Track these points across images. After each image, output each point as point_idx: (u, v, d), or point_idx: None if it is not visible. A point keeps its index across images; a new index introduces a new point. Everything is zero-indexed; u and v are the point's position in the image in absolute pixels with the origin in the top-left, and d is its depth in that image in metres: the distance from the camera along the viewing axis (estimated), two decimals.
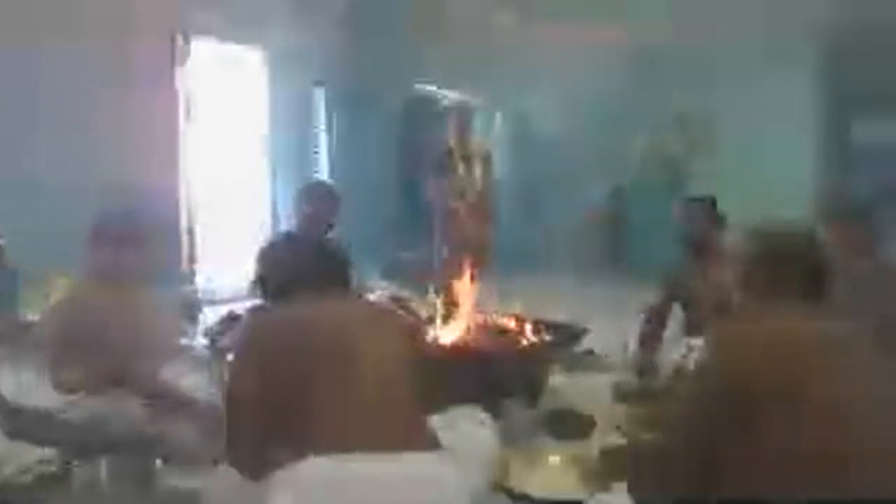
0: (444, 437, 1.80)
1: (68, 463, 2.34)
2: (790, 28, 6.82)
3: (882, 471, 1.33)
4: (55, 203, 4.39)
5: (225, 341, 2.81)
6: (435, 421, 1.85)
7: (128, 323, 2.60)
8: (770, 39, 6.82)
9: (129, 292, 2.67)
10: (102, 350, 2.50)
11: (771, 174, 6.72)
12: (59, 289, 2.83)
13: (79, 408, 2.41)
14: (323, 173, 6.97)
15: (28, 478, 2.30)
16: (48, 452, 2.41)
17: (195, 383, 2.64)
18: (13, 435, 2.33)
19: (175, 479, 2.39)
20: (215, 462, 1.94)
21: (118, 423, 2.37)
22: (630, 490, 1.76)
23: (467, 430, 1.97)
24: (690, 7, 6.66)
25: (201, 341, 3.00)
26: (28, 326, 3.86)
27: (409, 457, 1.65)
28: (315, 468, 1.58)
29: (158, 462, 2.42)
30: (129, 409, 2.44)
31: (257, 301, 2.43)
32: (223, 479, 1.79)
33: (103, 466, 2.30)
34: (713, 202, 3.60)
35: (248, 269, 6.15)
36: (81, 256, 2.71)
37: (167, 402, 2.45)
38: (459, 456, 1.78)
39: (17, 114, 4.68)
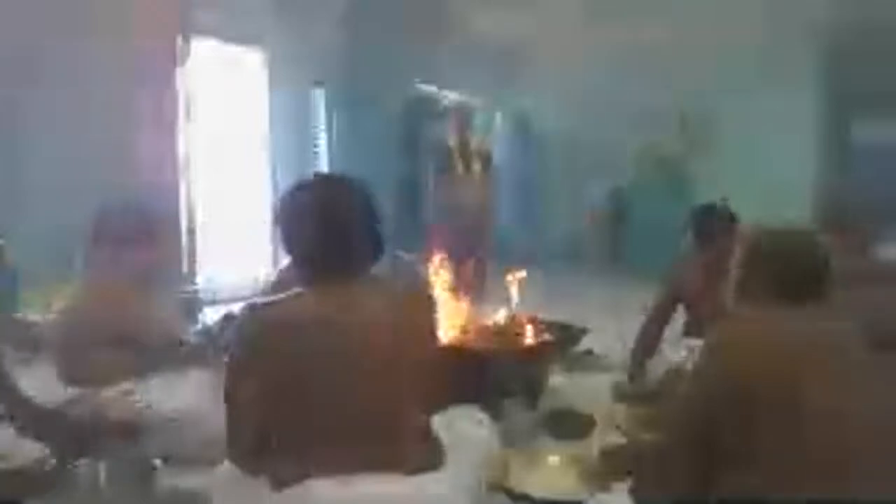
0: (442, 437, 1.80)
1: (68, 462, 2.33)
2: (790, 28, 6.82)
3: (880, 471, 1.33)
4: (55, 203, 4.39)
5: (224, 341, 2.81)
6: (433, 421, 1.84)
7: (131, 321, 2.60)
8: (770, 39, 6.82)
9: (132, 291, 2.67)
10: (108, 348, 2.51)
11: (771, 174, 6.73)
12: (61, 296, 2.83)
13: (80, 404, 2.43)
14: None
15: (35, 472, 2.29)
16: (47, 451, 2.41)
17: (195, 383, 2.64)
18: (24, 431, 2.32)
19: (175, 479, 2.39)
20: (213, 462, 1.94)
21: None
22: (632, 492, 1.76)
23: (465, 430, 1.96)
24: (690, 7, 6.66)
25: (201, 341, 2.99)
26: (29, 326, 3.87)
27: (410, 479, 1.63)
28: (317, 491, 1.58)
29: (158, 462, 2.42)
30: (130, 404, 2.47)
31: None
32: (225, 479, 1.79)
33: (103, 466, 2.30)
34: (724, 207, 3.54)
35: (248, 269, 6.09)
36: (81, 257, 2.71)
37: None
38: (457, 456, 1.78)
39: (17, 114, 4.68)
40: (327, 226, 1.73)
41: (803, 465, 1.33)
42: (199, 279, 5.93)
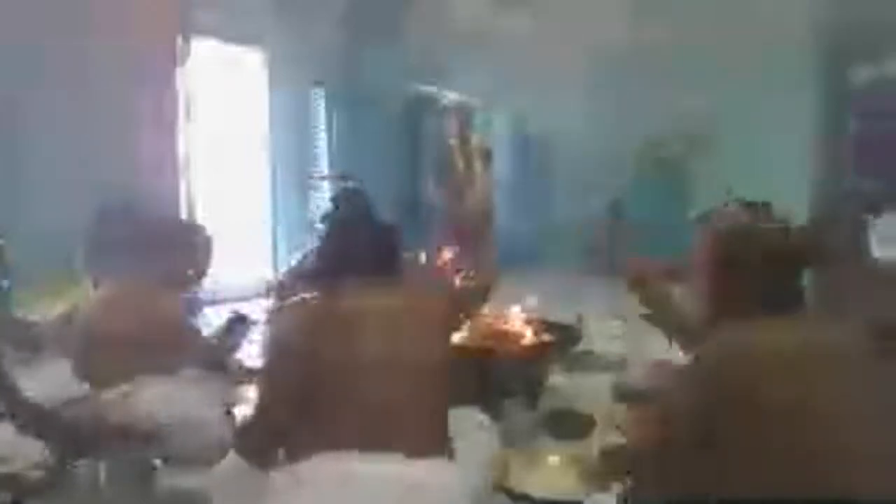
0: None
1: (67, 463, 2.33)
2: (790, 28, 6.82)
3: (880, 471, 1.33)
4: (55, 203, 4.39)
5: (230, 342, 2.81)
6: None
7: (144, 322, 2.59)
8: (770, 39, 6.82)
9: (144, 293, 2.66)
10: (111, 349, 2.51)
11: (770, 174, 6.72)
12: (61, 296, 2.82)
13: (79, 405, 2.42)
14: (323, 173, 6.99)
15: (36, 474, 2.29)
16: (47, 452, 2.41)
17: (194, 386, 2.64)
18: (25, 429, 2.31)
19: (174, 480, 2.39)
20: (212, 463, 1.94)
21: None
22: (631, 492, 1.76)
23: (465, 430, 1.97)
24: (690, 7, 6.66)
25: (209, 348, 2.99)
26: (29, 326, 3.86)
27: (419, 462, 1.65)
28: (321, 466, 1.59)
29: (158, 462, 2.41)
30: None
31: (259, 300, 2.42)
32: (224, 480, 1.80)
33: (103, 466, 2.30)
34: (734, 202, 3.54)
35: (248, 269, 6.08)
36: (81, 257, 2.71)
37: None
38: (459, 457, 1.78)
39: (17, 114, 4.68)
40: (345, 235, 1.96)
41: (803, 467, 1.33)
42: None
